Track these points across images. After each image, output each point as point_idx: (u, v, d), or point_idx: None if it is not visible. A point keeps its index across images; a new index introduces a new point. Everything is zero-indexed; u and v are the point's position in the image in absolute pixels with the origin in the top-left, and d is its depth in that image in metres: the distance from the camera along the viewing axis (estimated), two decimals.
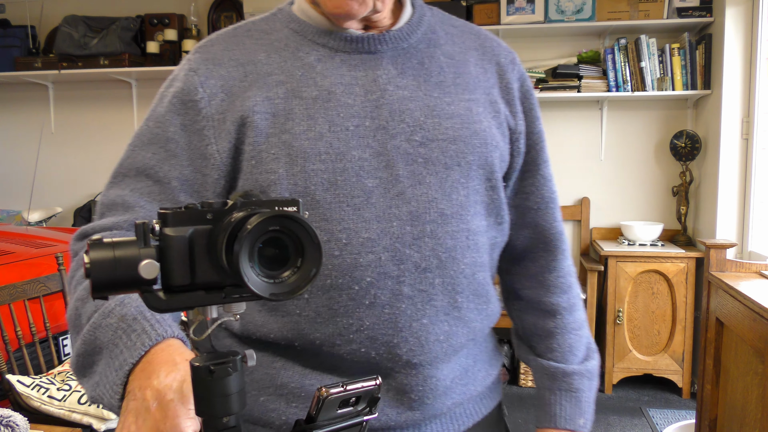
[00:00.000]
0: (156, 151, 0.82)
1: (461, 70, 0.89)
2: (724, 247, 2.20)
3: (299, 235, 0.50)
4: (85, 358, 0.68)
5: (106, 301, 0.68)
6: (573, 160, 3.76)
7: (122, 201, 0.81)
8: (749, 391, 1.86)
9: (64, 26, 3.93)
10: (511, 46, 1.01)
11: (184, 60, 0.87)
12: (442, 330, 0.82)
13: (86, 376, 0.68)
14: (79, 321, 0.71)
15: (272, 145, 0.79)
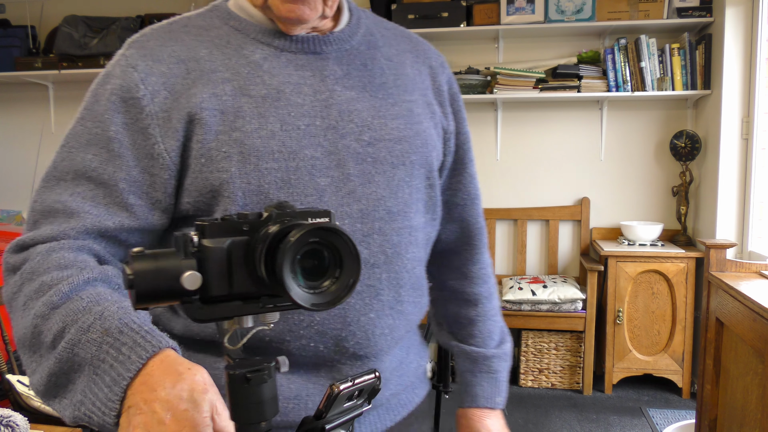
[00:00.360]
0: (97, 152, 0.78)
1: (400, 71, 0.92)
2: (724, 247, 2.20)
3: (338, 247, 0.51)
4: (58, 378, 0.64)
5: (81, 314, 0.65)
6: (573, 160, 3.76)
7: (63, 207, 0.76)
8: (749, 391, 1.86)
9: (64, 26, 3.93)
10: (511, 46, 1.04)
11: (118, 56, 0.83)
12: (386, 323, 0.85)
13: (60, 396, 0.65)
14: (39, 339, 0.67)
15: (223, 143, 0.78)
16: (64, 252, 0.73)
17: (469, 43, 3.79)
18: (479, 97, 3.59)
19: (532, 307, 3.36)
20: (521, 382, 3.52)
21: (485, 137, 3.84)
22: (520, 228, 3.81)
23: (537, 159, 3.80)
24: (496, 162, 3.84)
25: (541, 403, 3.29)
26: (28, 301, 0.69)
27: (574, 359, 3.45)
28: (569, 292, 3.33)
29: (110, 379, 0.59)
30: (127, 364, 0.59)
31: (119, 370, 0.59)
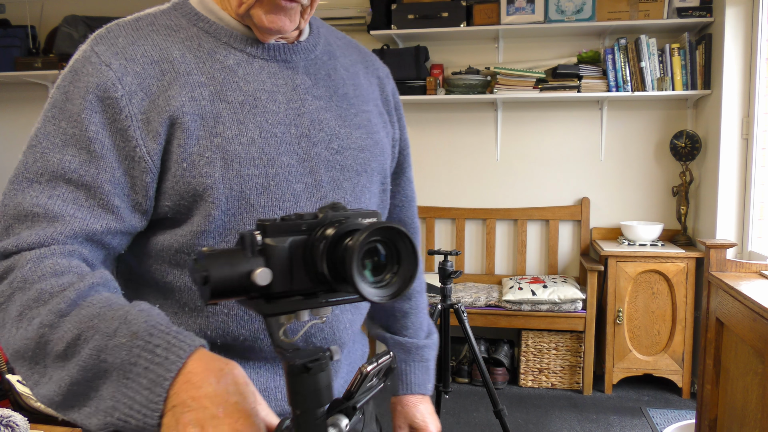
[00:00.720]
0: (75, 153, 0.75)
1: (356, 82, 0.96)
2: (724, 247, 2.20)
3: (396, 243, 0.56)
4: (79, 386, 0.63)
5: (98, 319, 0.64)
6: (573, 160, 3.76)
7: (44, 211, 0.73)
8: (749, 391, 1.86)
9: (64, 26, 3.93)
10: (511, 46, 1.08)
11: (85, 51, 0.80)
12: (348, 318, 0.90)
13: (80, 405, 0.63)
14: (46, 349, 0.65)
15: (205, 148, 0.78)
16: (56, 258, 0.70)
17: (469, 43, 3.79)
18: (479, 97, 3.59)
19: (532, 307, 3.36)
20: (521, 382, 3.52)
21: (485, 137, 3.84)
22: (520, 228, 3.81)
23: (537, 159, 3.80)
24: (496, 162, 3.84)
25: (541, 403, 3.29)
26: (26, 310, 0.66)
27: (574, 359, 3.45)
28: (569, 292, 3.33)
29: (148, 381, 0.59)
30: (166, 365, 0.59)
31: (158, 371, 0.59)
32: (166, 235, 0.81)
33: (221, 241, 0.80)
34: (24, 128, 4.38)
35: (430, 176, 3.92)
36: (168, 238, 0.81)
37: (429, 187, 3.93)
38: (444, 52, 3.81)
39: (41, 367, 0.65)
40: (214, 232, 0.79)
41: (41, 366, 0.65)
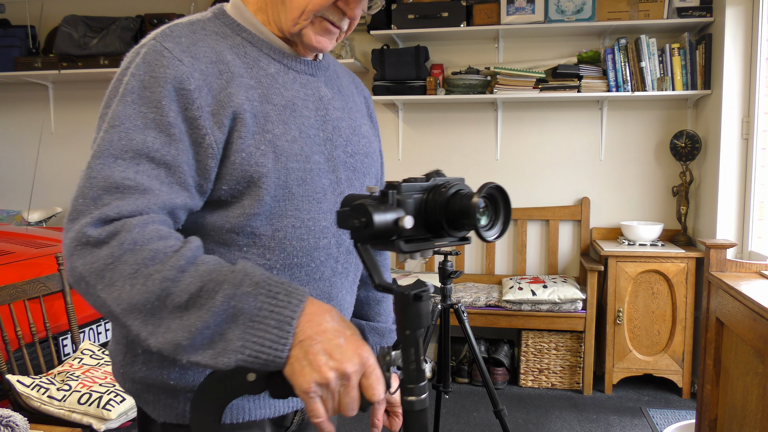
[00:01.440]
0: (156, 135, 0.83)
1: (354, 99, 1.12)
2: (724, 247, 2.20)
3: (497, 199, 0.75)
4: (209, 330, 0.72)
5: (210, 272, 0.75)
6: (573, 160, 3.76)
7: (134, 183, 0.80)
8: (749, 391, 1.86)
9: (64, 26, 3.93)
10: (511, 46, 1.13)
11: (156, 47, 0.86)
12: (349, 301, 1.06)
13: (208, 348, 0.73)
14: (167, 301, 0.73)
15: (259, 141, 0.89)
16: (157, 224, 0.79)
17: (469, 43, 3.79)
18: (479, 97, 3.59)
19: (532, 307, 3.36)
20: (521, 382, 3.52)
21: (485, 137, 3.84)
22: (520, 228, 3.81)
23: (537, 159, 3.80)
24: (496, 162, 3.84)
25: (541, 403, 3.29)
26: (141, 268, 0.74)
27: (574, 359, 3.45)
28: (569, 292, 3.33)
29: (276, 321, 0.72)
30: (290, 308, 0.72)
31: (284, 313, 0.72)
32: (218, 215, 0.90)
33: (266, 223, 0.90)
34: (24, 128, 4.38)
35: None
36: (219, 219, 0.90)
37: None
38: (444, 52, 3.81)
39: (157, 318, 0.74)
40: (262, 215, 0.90)
41: (157, 318, 0.74)
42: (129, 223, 0.77)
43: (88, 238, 0.76)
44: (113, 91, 0.86)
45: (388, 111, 3.93)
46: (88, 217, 0.77)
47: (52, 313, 2.45)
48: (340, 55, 3.77)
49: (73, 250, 0.77)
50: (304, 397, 0.71)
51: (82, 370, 2.23)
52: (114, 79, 0.89)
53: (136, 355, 0.92)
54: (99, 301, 0.76)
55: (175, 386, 0.90)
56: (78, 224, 0.77)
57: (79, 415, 2.03)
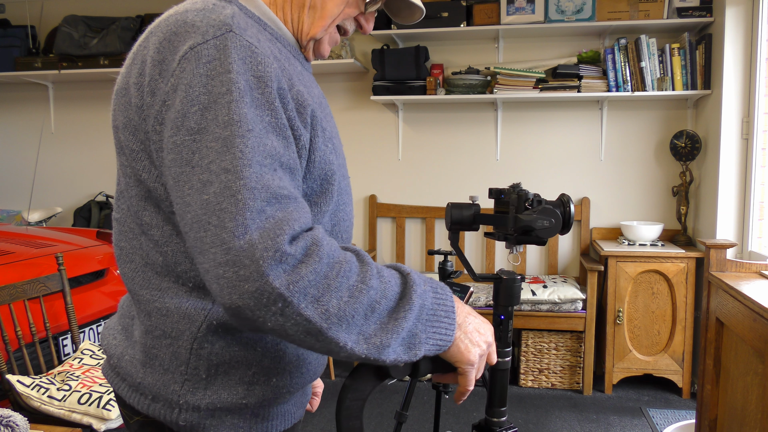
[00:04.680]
0: (277, 139, 0.78)
1: None
2: (724, 247, 2.19)
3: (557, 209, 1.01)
4: (410, 329, 0.80)
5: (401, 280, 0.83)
6: (573, 160, 3.76)
7: (288, 193, 0.76)
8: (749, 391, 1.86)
9: (64, 26, 3.93)
10: (511, 46, 1.17)
11: (242, 41, 0.79)
12: None
13: (406, 344, 0.80)
14: (378, 307, 0.78)
15: (326, 139, 0.89)
16: (327, 236, 0.79)
17: (469, 43, 3.79)
18: (479, 97, 3.59)
19: (532, 307, 3.36)
20: (521, 382, 3.52)
21: (485, 137, 3.84)
22: None
23: (537, 159, 3.80)
24: (496, 162, 3.84)
25: (541, 403, 3.29)
26: (344, 281, 0.75)
27: (574, 359, 3.45)
28: (569, 292, 3.33)
29: (444, 313, 0.84)
30: (449, 304, 0.85)
31: (447, 304, 0.85)
32: None
33: (330, 220, 0.93)
34: (24, 128, 4.38)
35: (430, 176, 3.92)
36: None
37: (429, 187, 3.92)
38: (444, 52, 3.81)
39: (366, 326, 0.77)
40: (329, 212, 0.92)
41: (366, 325, 0.77)
42: (316, 238, 0.75)
43: (287, 257, 0.71)
44: (218, 88, 0.76)
45: (388, 111, 3.93)
46: (278, 233, 0.72)
47: (52, 313, 2.45)
48: (340, 56, 3.77)
49: (268, 270, 0.70)
50: (467, 369, 0.86)
51: (82, 370, 2.23)
52: (201, 74, 0.76)
53: (200, 380, 0.85)
54: (298, 319, 0.72)
55: (246, 404, 0.86)
56: (268, 241, 0.71)
57: (79, 415, 2.03)
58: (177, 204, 0.76)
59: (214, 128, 0.74)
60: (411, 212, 3.92)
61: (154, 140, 0.80)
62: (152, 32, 0.84)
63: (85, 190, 4.32)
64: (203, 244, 0.72)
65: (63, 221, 4.28)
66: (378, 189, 3.98)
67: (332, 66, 3.72)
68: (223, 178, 0.72)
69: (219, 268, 0.71)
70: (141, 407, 0.88)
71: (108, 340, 0.96)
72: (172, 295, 0.85)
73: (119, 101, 0.86)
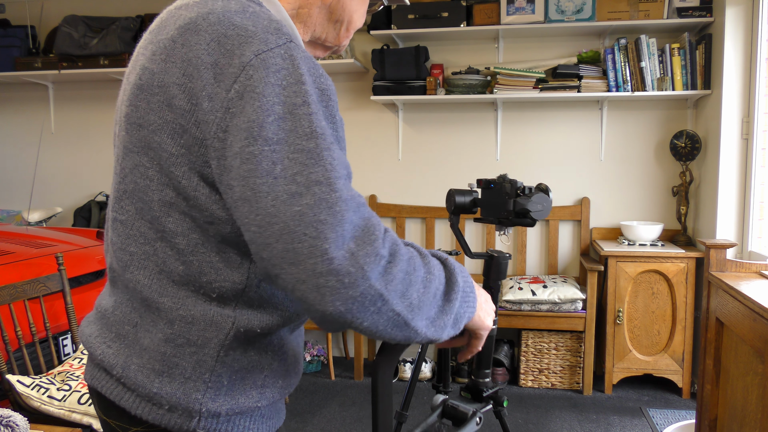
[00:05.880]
0: (340, 153, 0.80)
1: None
2: (724, 247, 2.20)
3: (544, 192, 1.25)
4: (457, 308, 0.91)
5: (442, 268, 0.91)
6: (573, 160, 3.76)
7: (364, 201, 0.81)
8: (749, 391, 1.86)
9: (64, 26, 3.93)
10: (511, 46, 1.17)
11: (303, 52, 0.80)
12: None
13: (453, 321, 0.90)
14: (439, 295, 0.87)
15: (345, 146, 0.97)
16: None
17: (469, 43, 3.79)
18: (479, 97, 3.59)
19: (532, 307, 3.36)
20: (521, 382, 3.52)
21: (485, 137, 3.84)
22: (520, 228, 3.81)
23: (537, 159, 3.80)
24: (496, 162, 3.84)
25: (541, 403, 3.29)
26: (417, 276, 0.82)
27: (574, 359, 3.45)
28: (569, 292, 3.33)
29: (470, 290, 0.93)
30: (469, 278, 0.94)
31: (469, 282, 0.94)
32: None
33: None
34: (24, 128, 4.38)
35: (430, 176, 3.92)
36: None
37: (429, 187, 3.92)
38: (444, 52, 3.81)
39: (434, 311, 0.85)
40: None
41: (434, 311, 0.85)
42: (394, 238, 0.81)
43: (381, 259, 0.77)
44: (293, 99, 0.76)
45: (388, 111, 3.93)
46: (372, 239, 0.77)
47: (52, 313, 2.45)
48: (341, 56, 3.77)
49: (370, 274, 0.75)
50: (483, 334, 1.01)
51: (82, 370, 2.23)
52: (273, 83, 0.76)
53: (222, 387, 0.86)
54: (391, 314, 0.78)
55: (259, 406, 0.89)
56: (367, 247, 0.76)
57: (79, 415, 2.03)
58: (253, 215, 0.75)
59: (295, 139, 0.75)
60: (411, 212, 3.92)
61: (215, 147, 0.77)
62: (190, 30, 0.80)
63: (85, 190, 4.32)
64: (297, 255, 0.73)
65: (63, 221, 4.28)
66: (378, 189, 3.98)
67: (332, 66, 3.72)
68: (316, 190, 0.74)
69: (320, 277, 0.73)
70: (151, 417, 0.86)
71: (101, 349, 0.90)
72: (195, 304, 0.85)
73: (146, 98, 0.82)
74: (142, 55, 0.87)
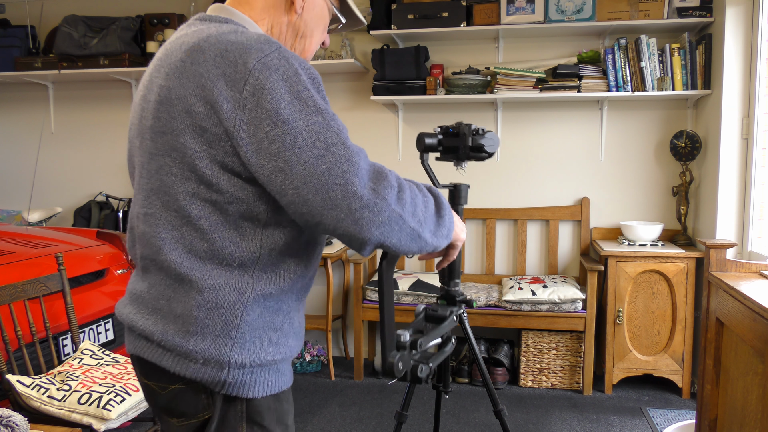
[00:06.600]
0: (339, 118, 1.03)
1: None
2: (724, 247, 2.19)
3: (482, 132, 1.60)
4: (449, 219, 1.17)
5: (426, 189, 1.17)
6: (573, 160, 3.76)
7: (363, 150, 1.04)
8: (749, 391, 1.86)
9: (64, 26, 3.93)
10: (511, 46, 1.22)
11: (294, 53, 1.02)
12: None
13: (445, 234, 1.15)
14: (434, 211, 1.12)
15: None
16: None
17: (469, 43, 3.79)
18: (479, 97, 3.59)
19: (532, 307, 3.36)
20: (521, 382, 3.52)
21: None
22: (520, 228, 3.81)
23: (537, 159, 3.80)
24: (496, 162, 3.84)
25: (541, 403, 3.29)
26: (419, 199, 1.08)
27: (574, 359, 3.45)
28: (569, 292, 3.33)
29: (449, 209, 1.16)
30: (452, 211, 1.18)
31: (452, 214, 1.18)
32: None
33: None
34: (24, 128, 4.38)
35: None
36: None
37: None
38: (444, 52, 3.81)
39: (432, 225, 1.11)
40: None
41: (433, 224, 1.11)
42: (395, 174, 1.04)
43: (393, 189, 1.01)
44: (295, 86, 0.97)
45: (388, 111, 3.93)
46: (389, 178, 1.01)
47: (52, 313, 2.45)
48: (341, 56, 3.77)
49: (391, 201, 0.99)
50: (459, 245, 1.27)
51: (82, 370, 2.23)
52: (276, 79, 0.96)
53: (245, 342, 1.04)
54: (408, 230, 1.04)
55: (275, 360, 1.08)
56: (383, 182, 1.00)
57: (79, 415, 2.03)
58: (289, 181, 0.95)
59: (306, 116, 0.96)
60: None
61: (242, 137, 0.96)
62: (195, 51, 1.00)
63: (85, 190, 4.32)
64: (334, 201, 0.95)
65: (63, 221, 4.28)
66: None
67: (332, 66, 3.72)
68: (334, 150, 0.96)
69: (356, 213, 0.96)
70: (188, 372, 1.03)
71: (141, 322, 1.08)
72: (220, 274, 1.03)
73: (167, 110, 1.01)
74: (156, 77, 1.05)
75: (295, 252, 1.09)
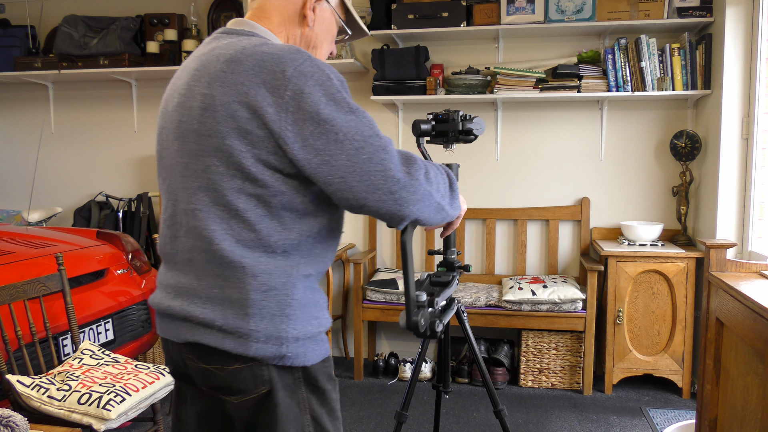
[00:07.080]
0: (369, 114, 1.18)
1: None
2: (724, 247, 2.19)
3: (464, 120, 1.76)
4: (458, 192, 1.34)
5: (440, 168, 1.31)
6: (573, 160, 3.76)
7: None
8: (749, 391, 1.86)
9: (64, 26, 3.93)
10: (511, 46, 1.24)
11: (322, 61, 1.17)
12: None
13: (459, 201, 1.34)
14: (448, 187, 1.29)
15: None
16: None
17: (469, 43, 3.79)
18: (479, 97, 3.59)
19: (532, 307, 3.36)
20: (521, 382, 3.52)
21: (485, 137, 3.84)
22: (520, 228, 3.81)
23: (537, 159, 3.80)
24: (496, 162, 3.84)
25: (541, 403, 3.29)
26: (438, 177, 1.25)
27: (574, 359, 3.45)
28: (569, 292, 3.33)
29: (456, 186, 1.32)
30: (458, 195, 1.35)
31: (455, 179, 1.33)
32: None
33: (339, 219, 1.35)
34: (24, 128, 4.38)
35: None
36: None
37: None
38: (444, 52, 3.81)
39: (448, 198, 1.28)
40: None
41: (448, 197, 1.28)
42: (419, 157, 1.20)
43: (421, 169, 1.18)
44: (330, 89, 1.11)
45: (388, 111, 3.94)
46: (417, 161, 1.18)
47: (52, 313, 2.45)
48: (341, 56, 3.77)
49: (423, 182, 1.17)
50: (462, 215, 1.40)
51: (82, 370, 2.23)
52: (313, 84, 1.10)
53: (297, 318, 1.16)
54: (436, 205, 1.22)
55: (318, 332, 1.20)
56: (414, 165, 1.16)
57: (79, 415, 2.03)
58: (335, 171, 1.09)
59: (343, 115, 1.10)
60: None
61: (288, 137, 1.08)
62: (234, 62, 1.12)
63: (85, 190, 4.32)
64: (375, 185, 1.11)
65: (63, 221, 4.28)
66: None
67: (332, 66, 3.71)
68: (371, 141, 1.11)
69: (396, 194, 1.13)
70: (250, 351, 1.13)
71: (198, 311, 1.16)
72: (267, 260, 1.14)
73: (211, 115, 1.11)
74: (195, 86, 1.15)
75: (324, 238, 1.22)
